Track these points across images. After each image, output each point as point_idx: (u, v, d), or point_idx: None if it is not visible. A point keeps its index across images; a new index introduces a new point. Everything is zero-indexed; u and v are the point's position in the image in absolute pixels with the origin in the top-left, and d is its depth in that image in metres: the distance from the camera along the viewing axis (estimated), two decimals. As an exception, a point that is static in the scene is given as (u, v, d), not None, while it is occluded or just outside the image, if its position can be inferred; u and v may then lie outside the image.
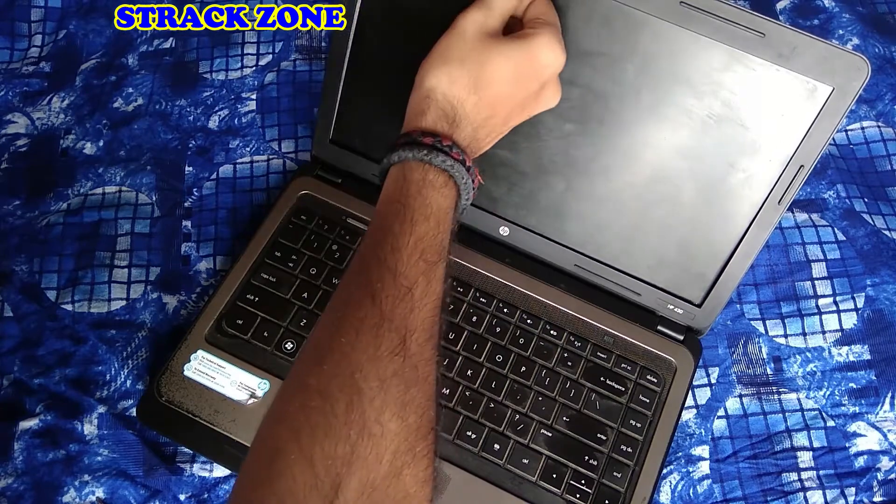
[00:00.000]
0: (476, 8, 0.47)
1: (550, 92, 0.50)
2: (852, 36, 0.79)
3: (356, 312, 0.40)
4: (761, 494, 0.59)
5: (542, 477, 0.56)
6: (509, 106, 0.48)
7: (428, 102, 0.46)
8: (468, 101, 0.46)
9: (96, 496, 0.57)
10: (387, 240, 0.42)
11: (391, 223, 0.42)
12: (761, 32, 0.49)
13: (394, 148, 0.45)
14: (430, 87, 0.46)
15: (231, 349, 0.60)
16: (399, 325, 0.39)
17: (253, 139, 0.73)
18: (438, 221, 0.43)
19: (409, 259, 0.41)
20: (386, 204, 0.44)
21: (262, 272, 0.63)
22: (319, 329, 0.41)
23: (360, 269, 0.42)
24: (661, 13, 0.50)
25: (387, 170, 0.46)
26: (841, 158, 0.74)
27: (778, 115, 0.51)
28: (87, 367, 0.62)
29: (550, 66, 0.47)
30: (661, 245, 0.59)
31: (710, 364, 0.64)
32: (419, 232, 0.42)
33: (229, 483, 0.58)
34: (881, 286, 0.67)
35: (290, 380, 0.39)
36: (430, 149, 0.44)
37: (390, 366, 0.38)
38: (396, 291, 0.40)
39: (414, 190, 0.43)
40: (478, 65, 0.46)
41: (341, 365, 0.38)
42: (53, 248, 0.67)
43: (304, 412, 0.36)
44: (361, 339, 0.38)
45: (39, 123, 0.74)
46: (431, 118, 0.46)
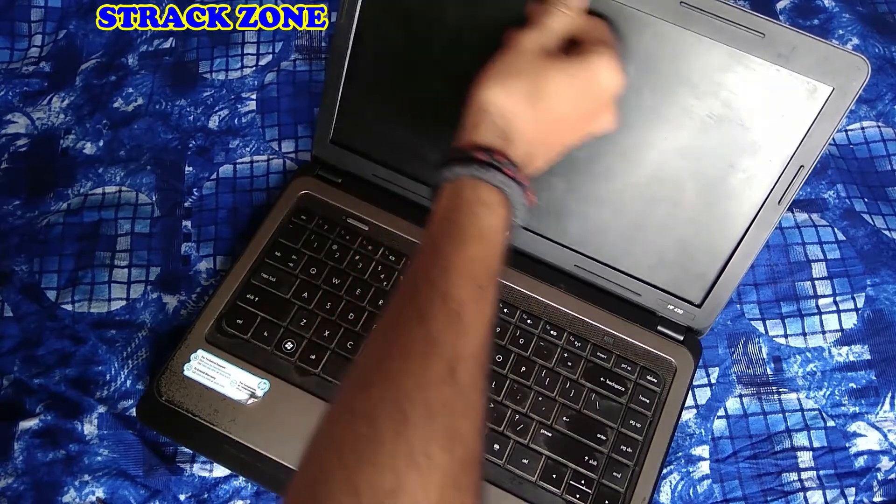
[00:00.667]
0: (535, 27, 0.47)
1: (607, 114, 0.49)
2: (852, 36, 0.79)
3: (404, 336, 0.38)
4: (761, 494, 0.59)
5: (541, 477, 0.56)
6: (565, 124, 0.47)
7: (482, 116, 0.45)
8: (524, 116, 0.45)
9: (96, 496, 0.57)
10: (437, 260, 0.41)
11: (442, 243, 0.41)
12: (761, 33, 0.49)
13: (446, 163, 0.44)
14: (484, 101, 0.45)
15: (231, 349, 0.60)
16: (448, 351, 0.38)
17: (253, 139, 0.73)
18: (490, 242, 0.42)
19: (460, 281, 0.40)
20: (437, 222, 0.43)
21: (262, 272, 0.63)
22: (367, 350, 0.40)
23: (410, 289, 0.41)
24: (661, 13, 0.50)
25: (439, 186, 0.44)
26: (841, 158, 0.74)
27: (778, 116, 0.51)
28: (87, 367, 0.62)
29: (609, 87, 0.47)
30: (662, 245, 0.59)
31: (710, 364, 0.64)
32: (471, 253, 0.41)
33: (229, 483, 0.58)
34: (881, 286, 0.67)
35: (338, 401, 0.38)
36: (482, 165, 0.42)
37: (439, 394, 0.37)
38: (446, 316, 0.39)
39: (466, 208, 0.42)
40: (535, 79, 0.45)
41: (389, 390, 0.36)
42: (53, 248, 0.67)
43: (350, 438, 0.35)
44: (410, 364, 0.37)
45: (39, 123, 0.74)
46: (485, 133, 0.44)
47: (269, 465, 0.56)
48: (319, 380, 0.59)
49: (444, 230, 0.42)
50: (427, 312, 0.39)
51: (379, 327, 0.41)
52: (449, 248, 0.41)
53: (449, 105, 0.59)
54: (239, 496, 0.58)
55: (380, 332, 0.40)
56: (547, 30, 0.47)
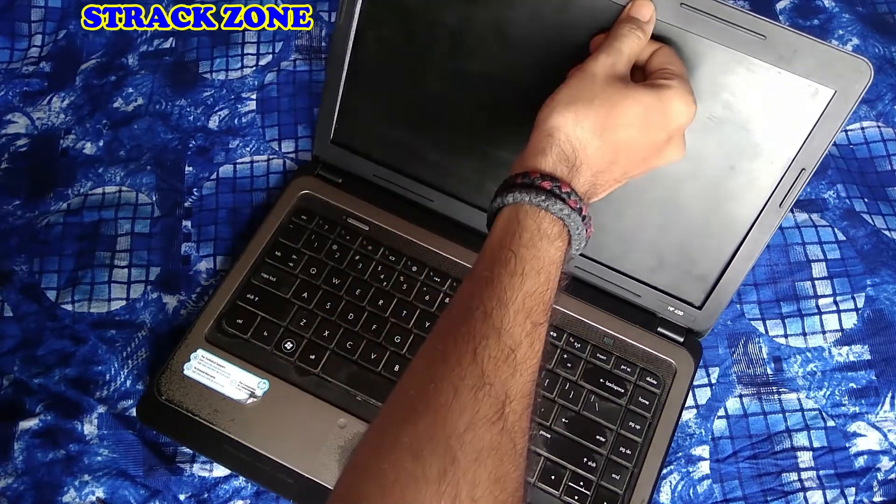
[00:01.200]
0: (605, 52, 0.46)
1: (675, 146, 0.48)
2: (852, 36, 0.79)
3: (456, 369, 0.37)
4: (761, 494, 0.59)
5: (540, 478, 0.56)
6: (632, 155, 0.46)
7: (549, 142, 0.43)
8: (591, 145, 0.44)
9: (96, 496, 0.58)
10: (493, 291, 0.39)
11: (499, 272, 0.40)
12: (762, 34, 0.48)
13: (509, 187, 0.42)
14: (553, 126, 0.44)
15: (231, 349, 0.60)
16: (499, 389, 0.37)
17: (253, 139, 0.73)
18: (548, 277, 0.41)
19: (516, 317, 0.39)
20: (495, 249, 0.41)
21: (262, 272, 0.63)
22: (414, 377, 0.39)
23: (463, 316, 0.39)
24: (661, 15, 0.50)
25: (499, 209, 0.43)
26: (841, 158, 0.74)
27: (779, 118, 0.51)
28: (87, 367, 0.62)
29: (680, 117, 0.46)
30: (662, 247, 0.59)
31: (710, 364, 0.64)
32: (528, 287, 0.39)
33: (229, 483, 0.58)
34: (881, 286, 0.67)
35: (381, 431, 0.37)
36: (547, 194, 0.41)
37: (487, 435, 0.36)
38: (499, 352, 0.38)
39: (526, 239, 0.41)
40: (606, 107, 0.44)
41: (437, 426, 0.35)
42: (53, 248, 0.67)
43: (394, 472, 0.34)
44: (460, 400, 0.36)
45: (39, 123, 0.74)
46: (551, 160, 0.43)
47: (268, 465, 0.56)
48: (319, 380, 0.59)
49: (503, 259, 0.40)
50: (480, 348, 0.37)
51: (428, 352, 0.39)
52: (507, 279, 0.39)
53: (449, 105, 0.60)
54: (239, 496, 0.58)
55: (429, 357, 0.39)
56: (619, 54, 0.46)
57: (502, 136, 0.59)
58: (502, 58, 0.55)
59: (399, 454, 0.35)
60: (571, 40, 0.52)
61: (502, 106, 0.58)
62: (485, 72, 0.57)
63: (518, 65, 0.55)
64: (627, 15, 0.49)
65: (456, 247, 0.64)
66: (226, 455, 0.57)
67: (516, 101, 0.57)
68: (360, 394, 0.59)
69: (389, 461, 0.35)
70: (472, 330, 0.38)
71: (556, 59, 0.54)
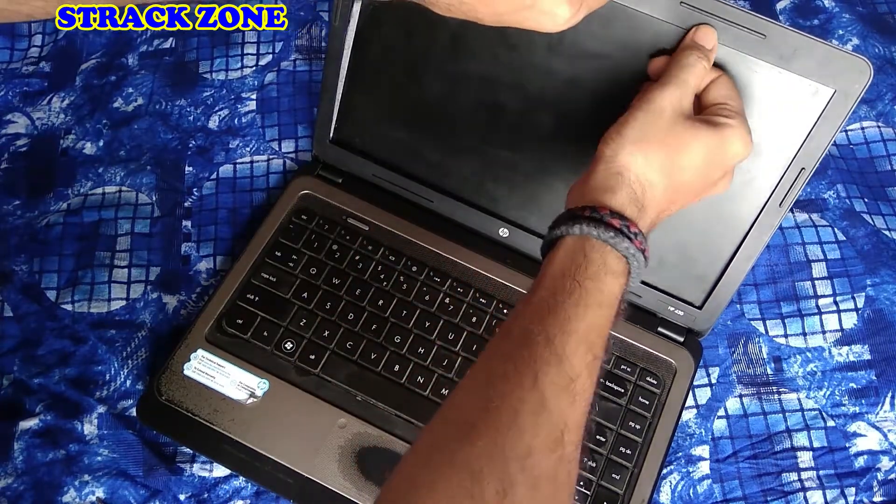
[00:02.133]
0: (673, 84, 0.46)
1: (726, 181, 0.48)
2: (852, 36, 0.79)
3: (516, 391, 0.37)
4: (761, 494, 0.59)
5: (541, 477, 0.56)
6: (690, 193, 0.47)
7: (619, 180, 0.43)
8: (658, 186, 0.44)
9: (96, 496, 0.58)
10: (556, 318, 0.39)
11: (563, 300, 0.40)
12: (762, 34, 0.48)
13: (574, 218, 0.42)
14: (623, 165, 0.43)
15: (231, 349, 0.60)
16: (558, 417, 0.37)
17: (253, 139, 0.73)
18: (609, 311, 0.41)
19: (578, 347, 0.38)
20: (557, 277, 0.41)
21: (262, 272, 0.63)
22: (470, 395, 0.38)
23: (523, 342, 0.39)
24: (661, 14, 0.50)
25: (559, 238, 0.43)
26: (841, 158, 0.74)
27: (779, 118, 0.51)
28: (86, 367, 0.62)
29: (738, 156, 0.46)
30: (662, 247, 0.59)
31: (710, 364, 0.64)
32: (591, 319, 0.39)
33: (229, 483, 0.58)
34: (881, 286, 0.67)
35: (434, 445, 0.37)
36: (616, 231, 0.41)
37: (545, 462, 0.35)
38: (560, 379, 0.37)
39: (592, 272, 0.41)
40: (676, 150, 0.44)
41: (496, 446, 0.35)
42: (53, 248, 0.67)
43: (448, 488, 0.34)
44: (520, 423, 0.36)
45: (39, 123, 0.74)
46: (621, 199, 0.43)
47: (268, 465, 0.56)
48: (319, 380, 0.59)
49: (567, 288, 0.40)
50: (542, 374, 0.37)
51: (484, 371, 0.39)
52: (571, 309, 0.39)
53: (449, 105, 0.60)
54: (239, 496, 0.58)
55: (486, 377, 0.39)
56: (685, 86, 0.46)
57: (502, 137, 0.59)
58: (502, 57, 0.55)
59: (455, 471, 0.34)
60: (571, 40, 0.53)
61: (502, 105, 0.58)
62: (484, 71, 0.57)
63: (518, 64, 0.55)
64: (692, 41, 0.49)
65: (456, 247, 0.64)
66: (226, 455, 0.57)
67: (516, 100, 0.57)
68: (360, 394, 0.59)
69: (444, 476, 0.35)
70: (534, 355, 0.38)
71: (556, 58, 0.54)
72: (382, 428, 0.58)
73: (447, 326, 0.61)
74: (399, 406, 0.59)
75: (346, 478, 0.56)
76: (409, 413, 0.58)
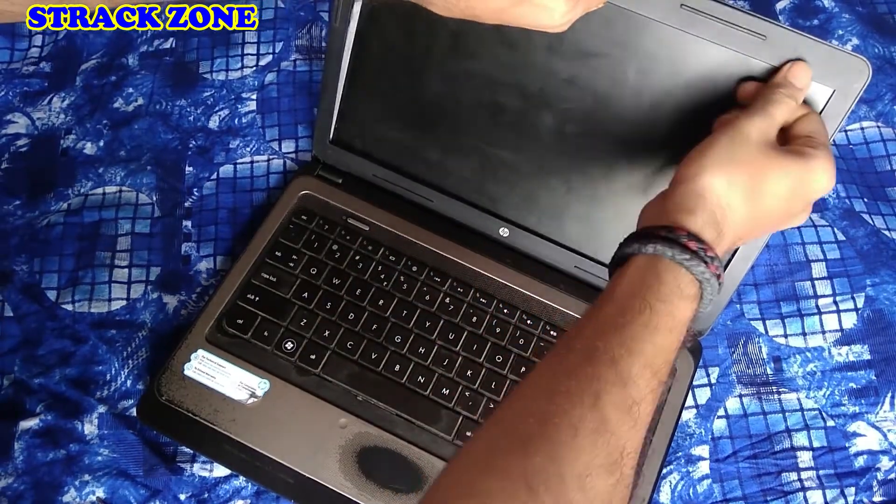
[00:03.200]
0: (759, 115, 0.45)
1: (806, 212, 0.47)
2: (852, 36, 0.79)
3: (577, 408, 0.36)
4: (761, 494, 0.59)
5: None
6: (770, 222, 0.46)
7: (699, 202, 0.42)
8: (739, 212, 0.43)
9: (96, 496, 0.58)
10: (622, 338, 0.38)
11: (631, 320, 0.39)
12: (762, 35, 0.48)
13: (648, 237, 0.41)
14: (705, 187, 0.42)
15: (231, 349, 0.60)
16: (619, 440, 0.36)
17: (253, 139, 0.73)
18: (678, 336, 0.40)
19: (643, 370, 0.37)
20: (626, 295, 0.40)
21: (262, 272, 0.63)
22: (527, 407, 0.38)
23: (586, 358, 0.38)
24: (661, 16, 0.50)
25: (632, 255, 0.42)
26: (840, 158, 0.74)
27: (778, 117, 0.51)
28: (87, 366, 0.62)
29: (821, 190, 0.45)
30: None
31: (710, 364, 0.64)
32: (659, 343, 0.38)
33: (229, 483, 0.58)
34: (881, 286, 0.67)
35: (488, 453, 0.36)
36: (692, 254, 0.40)
37: (602, 484, 0.35)
38: (623, 401, 0.37)
39: (664, 293, 0.39)
40: (759, 175, 0.43)
41: (554, 462, 0.34)
42: (53, 248, 0.67)
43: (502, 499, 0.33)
44: (578, 443, 0.35)
45: (40, 123, 0.74)
46: (700, 221, 0.42)
47: (269, 465, 0.56)
48: (319, 380, 0.59)
49: (636, 308, 0.39)
50: (604, 394, 0.36)
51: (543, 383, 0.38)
52: (639, 330, 0.38)
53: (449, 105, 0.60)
54: (239, 496, 0.58)
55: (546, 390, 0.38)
56: (772, 119, 0.46)
57: (502, 136, 0.59)
58: (502, 56, 0.55)
59: (511, 482, 0.34)
60: (571, 40, 0.53)
61: (502, 105, 0.58)
62: (485, 71, 0.57)
63: (518, 64, 0.55)
64: (785, 79, 0.48)
65: (456, 247, 0.64)
66: (226, 455, 0.57)
67: (516, 100, 0.57)
68: (361, 394, 0.59)
69: (498, 486, 0.34)
70: (597, 373, 0.37)
71: (557, 59, 0.54)
72: (383, 428, 0.58)
73: (447, 326, 0.61)
74: (399, 406, 0.59)
75: (346, 477, 0.56)
76: (409, 413, 0.58)
